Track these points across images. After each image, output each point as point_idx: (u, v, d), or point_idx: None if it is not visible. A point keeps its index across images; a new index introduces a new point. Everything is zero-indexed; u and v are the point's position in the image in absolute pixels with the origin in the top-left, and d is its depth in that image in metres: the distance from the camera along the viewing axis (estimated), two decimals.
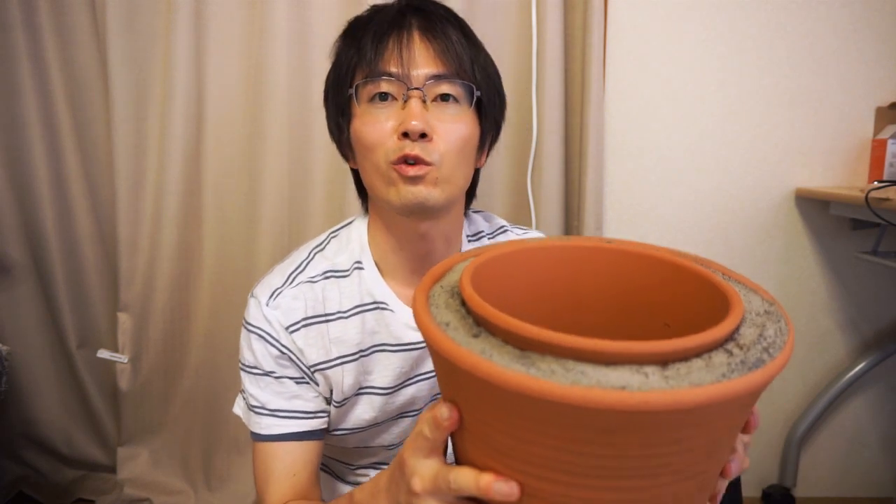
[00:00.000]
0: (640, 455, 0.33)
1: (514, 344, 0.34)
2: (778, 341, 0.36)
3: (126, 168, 1.45)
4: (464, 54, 0.66)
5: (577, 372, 0.32)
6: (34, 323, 1.55)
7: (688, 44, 1.49)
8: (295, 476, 0.69)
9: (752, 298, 0.41)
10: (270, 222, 1.46)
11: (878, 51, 1.49)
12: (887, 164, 1.43)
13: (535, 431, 0.34)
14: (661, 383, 0.31)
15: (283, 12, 1.38)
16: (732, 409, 0.34)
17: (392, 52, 0.64)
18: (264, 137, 1.44)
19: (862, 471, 1.67)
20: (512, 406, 0.33)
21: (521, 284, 0.45)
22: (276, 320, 0.70)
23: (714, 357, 0.34)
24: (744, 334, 0.37)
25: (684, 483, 0.36)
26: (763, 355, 0.34)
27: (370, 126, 0.65)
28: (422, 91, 0.64)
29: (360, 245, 0.74)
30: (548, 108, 1.41)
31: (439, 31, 0.66)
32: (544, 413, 0.32)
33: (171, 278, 1.49)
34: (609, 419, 0.31)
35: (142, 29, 1.41)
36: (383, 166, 0.64)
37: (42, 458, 1.59)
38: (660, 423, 0.31)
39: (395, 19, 0.66)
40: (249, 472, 1.55)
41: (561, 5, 1.39)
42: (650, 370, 0.32)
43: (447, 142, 0.64)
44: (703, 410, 0.31)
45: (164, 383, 1.55)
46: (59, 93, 1.45)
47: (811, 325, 1.60)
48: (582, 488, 0.35)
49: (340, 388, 0.72)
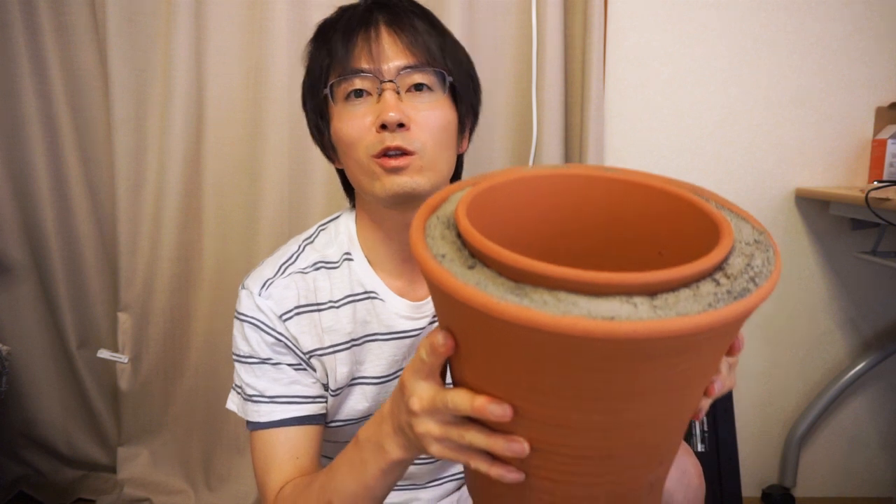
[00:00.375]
0: (628, 380, 0.34)
1: (508, 276, 0.35)
2: (764, 271, 0.37)
3: (126, 168, 1.44)
4: (432, 43, 0.68)
5: (568, 303, 0.32)
6: (34, 323, 1.55)
7: (688, 44, 1.49)
8: (297, 459, 0.68)
9: (742, 227, 0.42)
10: (270, 222, 1.46)
11: (878, 51, 1.49)
12: (887, 164, 1.43)
13: (528, 359, 0.35)
14: (650, 313, 0.32)
15: (283, 12, 1.38)
16: (718, 336, 0.35)
17: (361, 49, 0.66)
18: (264, 137, 1.44)
19: (862, 471, 1.67)
20: (505, 336, 0.34)
21: (518, 213, 0.45)
22: (269, 309, 0.70)
23: (702, 287, 0.35)
24: (732, 264, 0.37)
25: (669, 402, 0.38)
26: (749, 285, 0.35)
27: (348, 123, 0.66)
28: (395, 83, 0.65)
29: (348, 237, 0.75)
30: (548, 108, 1.41)
31: (406, 23, 0.67)
32: (536, 342, 0.33)
33: (171, 278, 1.49)
34: (599, 348, 0.32)
35: (142, 29, 1.41)
36: (365, 161, 0.66)
37: (42, 458, 1.59)
38: (648, 350, 0.33)
39: (363, 17, 0.68)
40: (249, 472, 1.55)
41: (561, 5, 1.39)
42: (639, 300, 0.33)
43: (426, 129, 0.65)
44: (690, 339, 0.32)
45: (164, 383, 1.55)
46: (59, 93, 1.45)
47: (811, 325, 1.60)
48: (572, 411, 0.37)
49: (335, 377, 0.72)
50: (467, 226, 0.38)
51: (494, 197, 0.44)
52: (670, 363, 0.34)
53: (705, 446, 1.53)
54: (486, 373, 0.39)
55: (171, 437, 1.58)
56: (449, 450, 0.44)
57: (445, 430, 0.43)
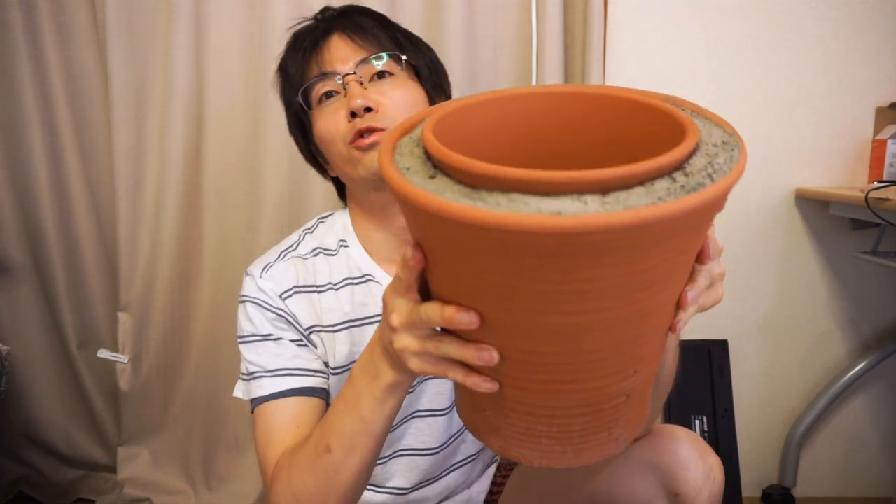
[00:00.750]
0: (582, 279, 0.34)
1: (466, 182, 0.36)
2: (724, 168, 0.37)
3: (126, 168, 1.45)
4: (381, 33, 0.73)
5: (520, 203, 0.33)
6: (34, 323, 1.55)
7: (688, 44, 1.49)
8: (298, 428, 0.68)
9: (713, 130, 0.41)
10: (270, 222, 1.46)
11: (878, 51, 1.49)
12: (887, 164, 1.43)
13: (485, 261, 0.36)
14: (598, 208, 0.32)
15: (283, 12, 1.38)
16: (673, 234, 0.35)
17: (317, 57, 0.72)
18: (264, 137, 1.44)
19: (862, 471, 1.67)
20: (462, 238, 0.35)
21: (488, 132, 0.46)
22: (270, 289, 0.74)
23: (656, 184, 0.34)
24: (693, 163, 0.37)
25: (629, 306, 0.37)
26: (705, 180, 0.35)
27: (323, 121, 0.72)
28: (356, 74, 0.70)
29: (343, 226, 0.79)
30: None
31: (354, 24, 0.73)
32: (490, 242, 0.34)
33: (171, 278, 1.49)
34: (546, 242, 0.32)
35: (142, 29, 1.41)
36: (345, 151, 0.70)
37: (42, 458, 1.59)
38: (595, 246, 0.33)
39: (312, 32, 0.75)
40: (249, 472, 1.55)
41: (561, 5, 1.39)
42: (590, 198, 0.33)
43: (393, 107, 0.70)
44: (637, 232, 0.32)
45: (164, 383, 1.55)
46: (59, 93, 1.45)
47: (811, 325, 1.60)
48: (531, 313, 0.37)
49: (334, 355, 0.74)
50: (430, 136, 0.39)
51: (465, 116, 0.44)
52: (624, 262, 0.34)
53: None
54: (453, 283, 0.41)
55: (171, 437, 1.58)
56: (427, 364, 0.46)
57: (422, 343, 0.46)
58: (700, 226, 0.37)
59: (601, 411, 0.43)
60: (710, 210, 0.36)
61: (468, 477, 0.89)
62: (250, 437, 1.56)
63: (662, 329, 0.42)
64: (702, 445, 0.73)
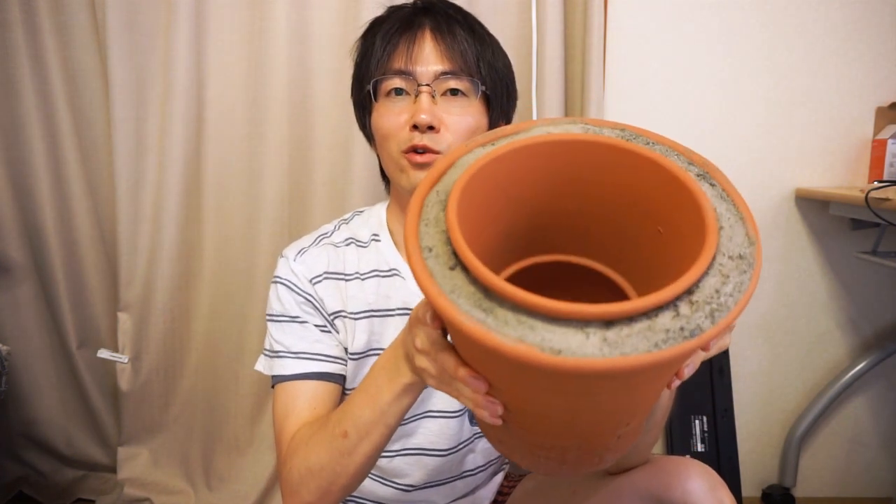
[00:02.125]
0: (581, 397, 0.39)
1: (480, 286, 0.38)
2: (729, 301, 0.37)
3: (126, 168, 1.44)
4: (469, 51, 0.72)
5: (526, 326, 0.35)
6: (34, 323, 1.55)
7: (688, 44, 1.49)
8: (315, 409, 0.72)
9: (735, 233, 0.40)
10: (270, 222, 1.47)
11: (878, 51, 1.49)
12: (887, 164, 1.43)
13: (493, 370, 0.41)
14: (598, 346, 0.34)
15: (283, 12, 1.38)
16: (668, 366, 0.39)
17: (402, 51, 0.71)
18: (264, 137, 1.44)
19: (862, 471, 1.67)
20: (467, 343, 0.40)
21: (516, 181, 0.47)
22: (301, 273, 0.77)
23: (659, 319, 0.36)
24: (703, 287, 0.37)
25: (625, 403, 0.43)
26: (705, 322, 0.36)
27: (385, 118, 0.73)
28: (430, 87, 0.71)
29: (378, 221, 0.82)
30: (548, 108, 1.41)
31: (446, 29, 0.72)
32: (497, 359, 0.36)
33: (171, 278, 1.49)
34: (547, 374, 0.35)
35: (142, 28, 1.41)
36: (396, 154, 0.72)
37: (42, 458, 1.59)
38: (594, 381, 0.36)
39: (407, 19, 0.73)
40: (249, 472, 1.55)
41: (561, 5, 1.39)
42: (592, 330, 0.35)
43: (454, 132, 0.71)
44: (635, 373, 0.35)
45: (164, 383, 1.55)
46: (59, 93, 1.45)
47: (811, 325, 1.60)
48: (534, 404, 0.42)
49: (352, 341, 0.77)
50: (453, 223, 0.39)
51: (493, 170, 0.45)
52: (622, 388, 0.39)
53: (705, 446, 1.54)
54: (467, 358, 0.45)
55: (171, 437, 1.58)
56: (442, 385, 0.50)
57: (440, 372, 0.48)
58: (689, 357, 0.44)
59: (594, 448, 0.48)
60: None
61: (474, 486, 0.89)
62: (250, 437, 1.56)
63: (657, 394, 0.47)
64: (713, 479, 0.71)
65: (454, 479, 0.85)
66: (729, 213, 0.42)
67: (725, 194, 0.43)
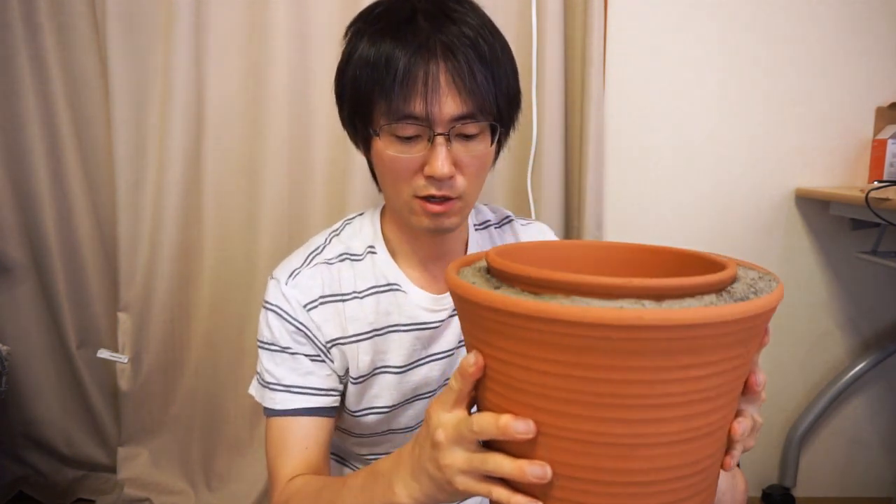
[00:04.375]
0: (643, 380, 0.36)
1: (529, 290, 0.39)
2: (766, 289, 0.41)
3: (126, 168, 1.45)
4: (488, 90, 0.65)
5: (582, 303, 0.36)
6: (34, 323, 1.55)
7: (688, 44, 1.49)
8: (307, 450, 0.71)
9: (748, 272, 0.46)
10: (270, 222, 1.47)
11: (878, 51, 1.49)
12: (887, 164, 1.43)
13: (547, 359, 0.38)
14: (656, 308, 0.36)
15: (282, 12, 1.38)
16: (724, 342, 0.37)
17: (417, 93, 0.63)
18: (264, 137, 1.44)
19: (862, 471, 1.67)
20: (525, 334, 0.38)
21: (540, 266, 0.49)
22: (294, 298, 0.72)
23: (705, 297, 0.38)
24: (736, 287, 0.41)
25: (686, 424, 0.39)
26: (750, 295, 0.39)
27: (397, 164, 0.66)
28: (446, 135, 0.64)
29: (372, 231, 0.77)
30: (548, 108, 1.41)
31: (464, 66, 0.63)
32: (553, 336, 0.36)
33: (171, 278, 1.49)
34: (608, 335, 0.35)
35: (142, 29, 1.41)
36: (406, 198, 0.67)
37: (42, 458, 1.59)
38: (655, 343, 0.35)
39: (418, 39, 0.63)
40: (249, 472, 1.55)
41: (561, 5, 1.39)
42: (647, 302, 0.36)
43: (469, 175, 0.67)
44: (693, 332, 0.35)
45: (164, 383, 1.55)
46: (59, 93, 1.45)
47: (811, 325, 1.60)
48: (592, 421, 0.38)
49: (356, 365, 0.75)
50: (494, 256, 0.44)
51: (521, 251, 0.50)
52: (681, 367, 0.36)
53: None
54: (509, 388, 0.41)
55: (171, 437, 1.58)
56: (473, 480, 0.45)
57: (470, 458, 0.44)
58: (747, 341, 0.39)
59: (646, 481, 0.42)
60: (757, 323, 0.38)
61: None
62: (250, 437, 1.56)
63: (715, 461, 0.43)
64: None
65: None
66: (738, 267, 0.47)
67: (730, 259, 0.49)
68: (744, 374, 0.43)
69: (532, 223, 0.87)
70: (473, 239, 0.80)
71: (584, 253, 0.53)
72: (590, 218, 1.44)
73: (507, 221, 0.85)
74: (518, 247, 0.51)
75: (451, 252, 0.77)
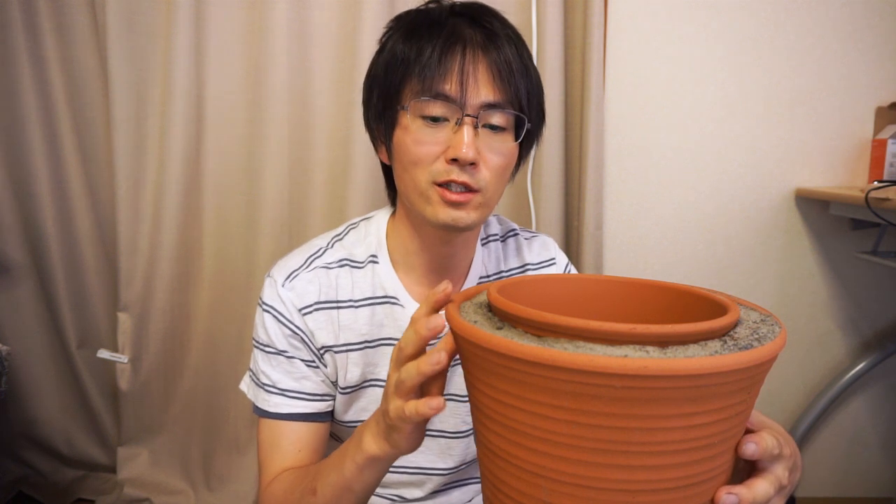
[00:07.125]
0: (643, 428, 0.36)
1: (532, 332, 0.39)
2: (769, 335, 0.40)
3: (126, 168, 1.45)
4: (521, 84, 0.66)
5: (586, 349, 0.36)
6: (34, 323, 1.55)
7: (688, 44, 1.49)
8: (300, 452, 0.71)
9: (750, 314, 0.46)
10: (270, 222, 1.47)
11: (878, 51, 1.49)
12: (887, 164, 1.43)
13: (549, 404, 0.38)
14: (660, 356, 0.35)
15: (283, 12, 1.38)
16: (726, 389, 0.37)
17: (453, 73, 0.63)
18: (264, 137, 1.44)
19: (862, 471, 1.67)
20: (528, 378, 0.38)
21: (540, 302, 0.49)
22: (290, 301, 0.71)
23: (709, 344, 0.38)
24: (739, 332, 0.41)
25: (685, 471, 0.39)
26: (754, 342, 0.39)
27: (419, 145, 0.65)
28: (475, 118, 0.64)
29: (377, 239, 0.75)
30: (548, 108, 1.39)
31: (501, 55, 0.64)
32: (556, 383, 0.36)
33: (171, 278, 1.49)
34: (612, 384, 0.35)
35: (142, 29, 1.41)
36: (424, 185, 0.65)
37: (42, 458, 1.59)
38: (658, 392, 0.35)
39: (456, 31, 0.64)
40: (249, 472, 1.55)
41: (561, 5, 1.39)
42: (651, 349, 0.36)
43: (493, 169, 0.66)
44: (695, 381, 0.35)
45: (164, 383, 1.55)
46: (59, 93, 1.45)
47: (811, 325, 1.60)
48: (593, 466, 0.38)
49: (345, 376, 0.73)
50: (497, 295, 0.43)
51: (521, 287, 0.51)
52: (683, 414, 0.36)
53: None
54: (509, 429, 0.41)
55: (171, 437, 1.58)
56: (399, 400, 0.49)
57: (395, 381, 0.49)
58: (750, 388, 0.39)
59: None
60: (759, 371, 0.38)
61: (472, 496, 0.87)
62: (250, 437, 1.56)
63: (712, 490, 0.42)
64: None
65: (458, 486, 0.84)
66: (740, 307, 0.46)
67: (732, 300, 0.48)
68: (745, 419, 0.42)
69: (536, 237, 0.86)
70: (479, 256, 0.79)
71: (583, 288, 0.53)
72: (590, 218, 1.44)
73: (512, 235, 0.84)
74: (518, 281, 0.51)
75: (456, 267, 0.76)
